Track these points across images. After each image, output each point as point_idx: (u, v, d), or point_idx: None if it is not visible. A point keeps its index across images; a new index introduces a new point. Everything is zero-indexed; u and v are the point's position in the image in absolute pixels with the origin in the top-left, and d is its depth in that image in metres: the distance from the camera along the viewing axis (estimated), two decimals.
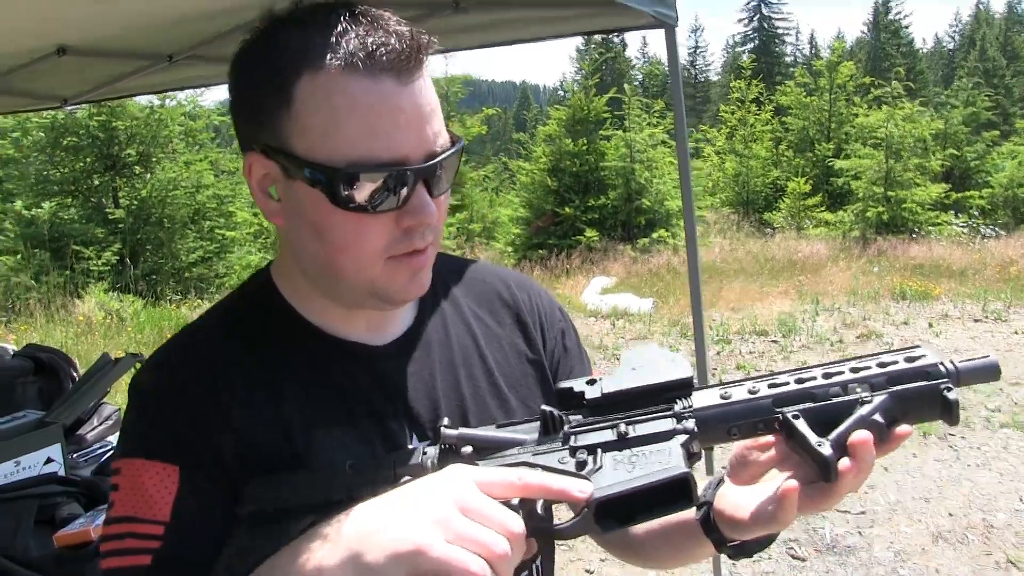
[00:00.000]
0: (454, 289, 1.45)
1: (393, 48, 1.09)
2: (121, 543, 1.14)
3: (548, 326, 1.50)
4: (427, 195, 1.14)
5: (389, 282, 1.20)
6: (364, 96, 1.08)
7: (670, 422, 1.07)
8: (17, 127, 16.04)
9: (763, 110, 28.44)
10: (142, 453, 1.17)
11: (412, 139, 1.12)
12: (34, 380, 3.87)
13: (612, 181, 20.36)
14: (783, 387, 1.08)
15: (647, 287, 14.90)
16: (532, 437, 1.12)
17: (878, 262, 16.65)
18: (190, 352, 1.26)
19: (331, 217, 1.13)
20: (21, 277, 13.76)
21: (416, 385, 1.31)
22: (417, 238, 1.17)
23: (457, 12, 3.78)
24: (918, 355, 1.06)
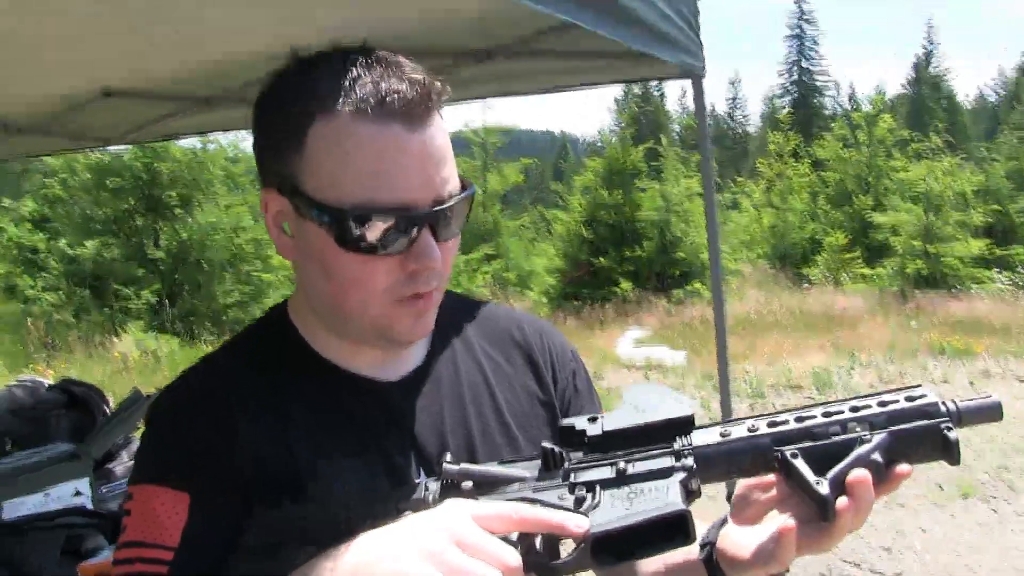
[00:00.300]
0: (467, 328, 1.46)
1: (404, 95, 1.12)
2: (131, 567, 1.17)
3: (560, 367, 1.50)
4: (432, 240, 1.16)
5: (393, 323, 1.22)
6: (372, 141, 1.11)
7: (669, 460, 1.08)
8: (65, 168, 16.43)
9: (801, 163, 28.39)
10: (153, 479, 1.20)
11: (419, 185, 1.14)
12: (67, 413, 3.95)
13: (647, 232, 20.36)
14: (782, 426, 1.08)
15: (681, 339, 14.81)
16: (533, 473, 1.13)
17: (916, 317, 16.43)
18: (203, 381, 1.30)
19: (337, 257, 1.16)
20: (62, 314, 14.00)
21: (424, 420, 1.32)
22: (421, 282, 1.19)
23: (486, 61, 3.86)
24: (919, 394, 1.06)
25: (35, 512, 3.13)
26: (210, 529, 1.17)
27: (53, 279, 15.30)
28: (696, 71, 3.48)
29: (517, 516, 1.02)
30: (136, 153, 15.92)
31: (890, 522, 6.57)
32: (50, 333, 13.60)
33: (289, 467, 1.22)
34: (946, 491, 7.20)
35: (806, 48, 78.99)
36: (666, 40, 3.29)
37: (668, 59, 3.27)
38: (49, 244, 16.15)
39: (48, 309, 14.40)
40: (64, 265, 15.39)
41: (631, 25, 3.05)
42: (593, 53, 3.73)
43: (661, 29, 3.23)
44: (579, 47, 3.71)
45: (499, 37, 3.80)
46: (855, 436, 1.05)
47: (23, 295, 15.57)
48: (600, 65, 3.80)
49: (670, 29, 3.28)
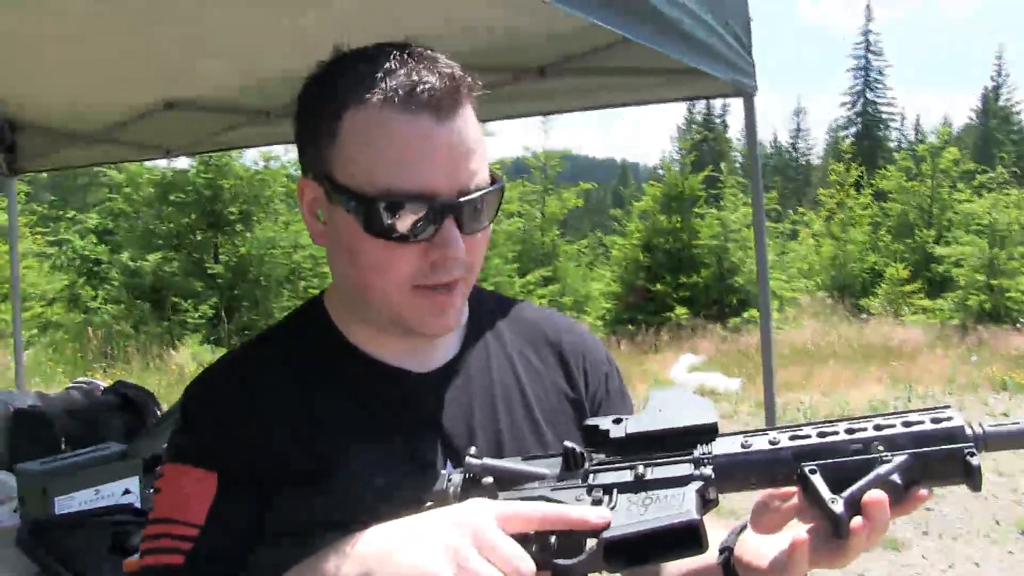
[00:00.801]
0: (500, 325, 1.47)
1: (433, 86, 1.15)
2: (157, 542, 1.21)
3: (592, 368, 1.50)
4: (456, 230, 1.18)
5: (413, 312, 1.24)
6: (400, 130, 1.15)
7: (688, 467, 1.08)
8: (129, 182, 16.83)
9: (863, 194, 28.03)
10: (183, 459, 1.24)
11: (444, 175, 1.16)
12: (120, 415, 4.03)
13: (705, 259, 20.25)
14: (804, 440, 1.07)
15: (736, 367, 14.66)
16: (554, 471, 1.14)
17: (978, 351, 16.09)
18: (235, 367, 1.34)
19: (362, 242, 1.19)
20: (122, 325, 14.30)
21: (453, 412, 1.33)
22: (443, 271, 1.21)
23: (542, 78, 3.90)
24: (944, 416, 1.04)
25: (85, 508, 3.20)
26: (235, 509, 1.21)
27: (115, 291, 15.66)
28: (748, 89, 3.48)
29: (538, 514, 1.03)
30: (199, 169, 16.26)
31: (944, 554, 6.43)
32: (109, 343, 13.90)
33: (315, 453, 1.24)
34: (1003, 526, 7.03)
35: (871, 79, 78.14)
36: (719, 58, 3.30)
37: (721, 76, 3.27)
38: (112, 257, 16.54)
39: (109, 320, 14.72)
40: (126, 277, 15.75)
41: (685, 42, 3.06)
42: (646, 71, 3.74)
43: (714, 47, 3.24)
44: (632, 65, 3.72)
45: (554, 55, 3.84)
46: (876, 456, 1.03)
47: (85, 306, 15.93)
48: (653, 83, 3.82)
49: (722, 47, 3.29)
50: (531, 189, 21.70)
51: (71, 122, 5.23)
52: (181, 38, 3.92)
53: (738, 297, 19.41)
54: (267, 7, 3.53)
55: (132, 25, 3.77)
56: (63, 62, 4.32)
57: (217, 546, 1.19)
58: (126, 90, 4.73)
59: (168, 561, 1.19)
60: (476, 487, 1.12)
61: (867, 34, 79.71)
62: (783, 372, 13.99)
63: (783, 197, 51.80)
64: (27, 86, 4.91)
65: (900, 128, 79.30)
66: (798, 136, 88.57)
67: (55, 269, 17.97)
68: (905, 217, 25.07)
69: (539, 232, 20.73)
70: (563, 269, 21.88)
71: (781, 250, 24.80)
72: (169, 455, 1.27)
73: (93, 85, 4.68)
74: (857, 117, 77.18)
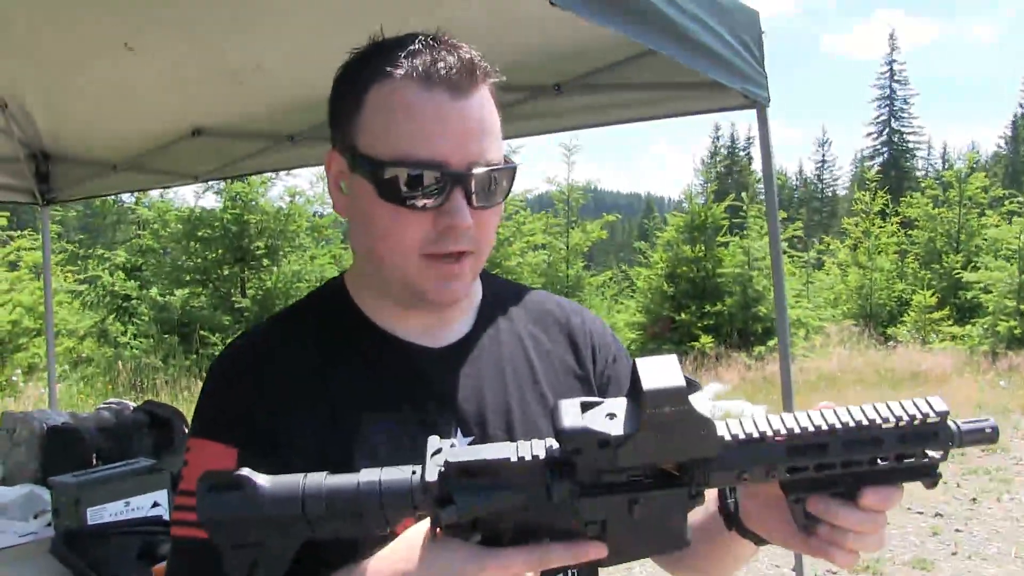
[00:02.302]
0: (511, 308, 1.53)
1: (451, 65, 1.24)
2: (185, 515, 1.26)
3: (599, 348, 1.56)
4: (463, 201, 1.25)
5: (422, 280, 1.30)
6: (417, 102, 1.23)
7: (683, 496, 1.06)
8: (157, 219, 17.08)
9: (889, 222, 27.90)
10: (207, 433, 1.30)
11: (455, 147, 1.24)
12: (149, 432, 4.11)
13: (729, 288, 20.18)
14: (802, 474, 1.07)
15: (761, 395, 14.58)
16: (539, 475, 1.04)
17: (1007, 377, 15.92)
18: (256, 343, 1.41)
19: (376, 207, 1.27)
20: (151, 359, 14.46)
21: (465, 386, 1.38)
22: (450, 241, 1.27)
23: (558, 95, 3.98)
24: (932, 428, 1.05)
25: (116, 520, 3.27)
26: None
27: (144, 325, 15.85)
28: (762, 100, 3.54)
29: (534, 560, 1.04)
30: (226, 205, 16.48)
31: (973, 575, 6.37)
32: (139, 376, 14.07)
33: (330, 425, 1.29)
34: None
35: (897, 108, 77.99)
36: (733, 69, 3.36)
37: (734, 86, 3.33)
38: (140, 292, 16.74)
39: (138, 354, 14.90)
40: (155, 312, 15.94)
41: (700, 53, 3.13)
42: (661, 85, 3.81)
43: (727, 58, 3.30)
44: (647, 80, 3.80)
45: (569, 72, 3.92)
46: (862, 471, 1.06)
47: (115, 340, 16.12)
48: (667, 97, 3.89)
49: (735, 59, 3.35)
50: (555, 222, 21.77)
51: (103, 151, 5.38)
52: (209, 67, 4.05)
53: (763, 325, 19.31)
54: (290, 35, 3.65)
55: (161, 57, 3.90)
56: (96, 93, 4.46)
57: None
58: (156, 119, 4.86)
59: (194, 535, 1.22)
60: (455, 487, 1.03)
61: (891, 63, 79.77)
62: (810, 399, 13.88)
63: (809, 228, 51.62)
64: (61, 117, 5.06)
65: (927, 158, 79.07)
66: (823, 167, 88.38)
67: (85, 306, 18.22)
68: (932, 244, 24.92)
69: (563, 264, 20.76)
70: (588, 301, 21.88)
71: (807, 279, 24.67)
72: (195, 430, 1.32)
73: (125, 114, 4.81)
74: (883, 147, 76.96)
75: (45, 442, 3.93)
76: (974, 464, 9.71)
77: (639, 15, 2.70)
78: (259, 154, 5.04)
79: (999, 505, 8.20)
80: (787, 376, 3.84)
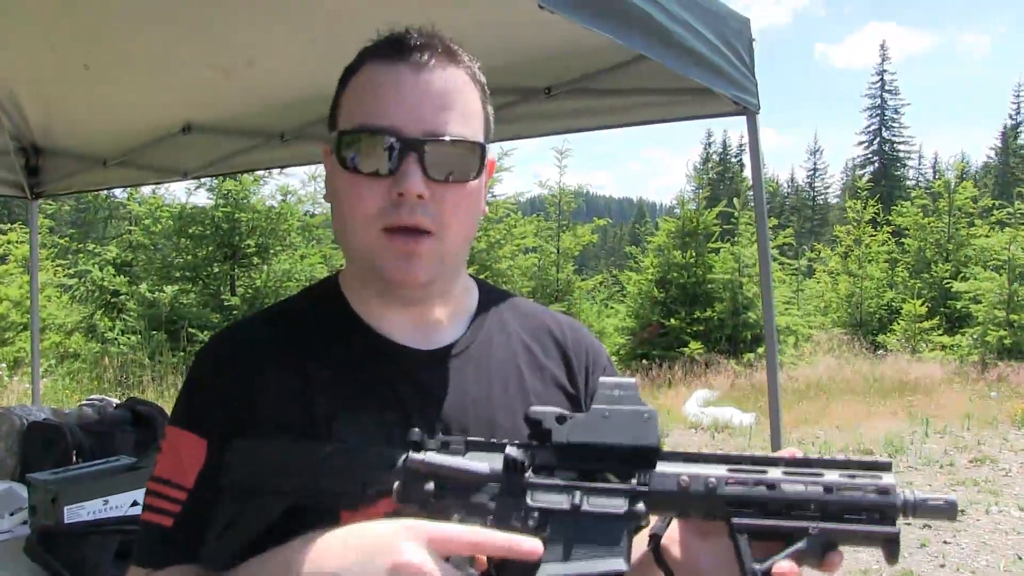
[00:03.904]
0: (506, 316, 1.52)
1: (414, 42, 1.29)
2: (153, 500, 1.28)
3: (592, 368, 1.54)
4: (416, 168, 1.25)
5: (380, 255, 1.29)
6: (378, 75, 1.28)
7: (623, 501, 1.10)
8: (149, 215, 17.02)
9: (879, 231, 27.98)
10: (181, 423, 1.32)
11: (411, 117, 1.26)
12: (131, 430, 4.07)
13: (719, 294, 20.22)
14: (740, 486, 1.09)
15: (750, 402, 14.58)
16: (495, 469, 1.15)
17: (997, 387, 15.97)
18: (236, 336, 1.41)
19: (338, 179, 1.31)
20: (138, 355, 14.40)
21: (449, 389, 1.37)
22: (405, 209, 1.26)
23: (548, 98, 3.96)
24: (884, 486, 1.06)
25: (94, 518, 3.24)
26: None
27: (132, 321, 15.79)
28: (752, 107, 3.53)
29: (472, 540, 1.05)
30: (218, 202, 16.43)
31: None
32: (125, 372, 14.01)
33: (307, 421, 1.28)
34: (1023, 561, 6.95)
35: (888, 118, 78.26)
36: (722, 75, 3.35)
37: (725, 92, 3.33)
38: (130, 288, 16.68)
39: (125, 350, 14.84)
40: (143, 308, 15.87)
41: (691, 59, 3.13)
42: (652, 91, 3.80)
43: (717, 64, 3.30)
44: (637, 85, 3.78)
45: (560, 75, 3.90)
46: (804, 527, 1.05)
47: (102, 336, 16.06)
48: (657, 102, 3.88)
49: (726, 65, 3.35)
50: (546, 225, 21.76)
51: (93, 146, 5.35)
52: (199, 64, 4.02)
53: (752, 332, 19.34)
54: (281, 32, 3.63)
55: (152, 52, 3.88)
56: (87, 88, 4.43)
57: (202, 512, 1.23)
58: (147, 114, 4.84)
59: (159, 521, 1.27)
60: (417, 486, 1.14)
61: (883, 73, 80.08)
62: (798, 407, 13.92)
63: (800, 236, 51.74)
64: (51, 111, 5.03)
65: (918, 167, 79.28)
66: (814, 175, 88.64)
67: (74, 301, 18.15)
68: (922, 253, 25.01)
69: (554, 268, 20.74)
70: (578, 306, 21.87)
71: (797, 287, 24.72)
72: (173, 418, 1.34)
73: (116, 110, 4.79)
74: (874, 156, 77.25)
75: (25, 438, 3.89)
76: (962, 476, 9.72)
77: (629, 19, 2.69)
78: (249, 151, 5.01)
79: (987, 517, 8.20)
80: (774, 384, 3.83)
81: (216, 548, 1.20)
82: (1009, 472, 9.99)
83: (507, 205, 20.00)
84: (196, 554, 1.22)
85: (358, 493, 1.16)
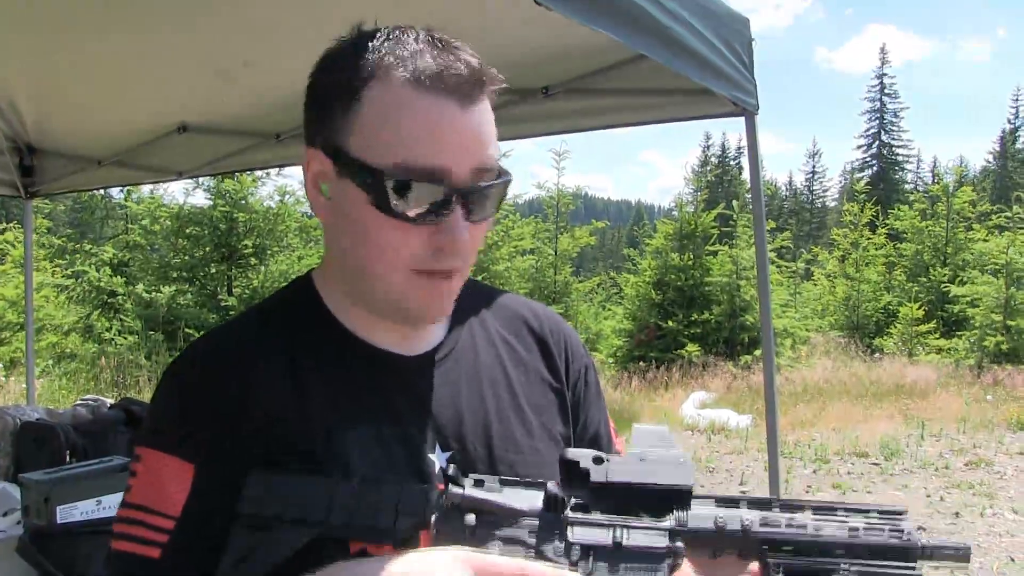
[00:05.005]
0: (484, 313, 1.47)
1: (460, 72, 1.15)
2: (132, 529, 1.18)
3: (572, 359, 1.51)
4: (463, 218, 1.17)
5: (410, 297, 1.23)
6: (426, 110, 1.14)
7: (663, 539, 1.11)
8: (147, 215, 17.00)
9: (877, 234, 27.99)
10: (162, 446, 1.20)
11: (461, 159, 1.16)
12: (125, 430, 4.05)
13: (717, 297, 20.21)
14: (774, 528, 1.13)
15: (747, 404, 14.58)
16: (534, 507, 1.14)
17: (992, 391, 15.97)
18: (220, 349, 1.30)
19: (367, 217, 1.17)
20: (135, 355, 14.39)
21: (441, 396, 1.32)
22: (446, 258, 1.20)
23: (546, 98, 3.95)
24: (901, 528, 1.12)
25: (87, 518, 3.23)
26: (213, 502, 1.17)
27: (129, 322, 15.77)
28: (751, 108, 3.53)
29: (520, 571, 1.03)
30: (216, 203, 16.42)
31: None
32: (121, 372, 13.98)
33: (303, 437, 1.21)
34: (1017, 563, 6.95)
35: (887, 122, 78.35)
36: (722, 76, 3.34)
37: (724, 92, 3.32)
38: (127, 288, 16.66)
39: (122, 350, 14.82)
40: (140, 309, 15.85)
41: (690, 59, 3.12)
42: (650, 91, 3.80)
43: (717, 65, 3.29)
44: (636, 86, 3.78)
45: (557, 76, 3.89)
46: (835, 564, 1.10)
47: (99, 336, 16.04)
48: (655, 103, 3.88)
49: (725, 66, 3.34)
50: (544, 227, 21.76)
51: (88, 146, 5.34)
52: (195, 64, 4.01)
53: (750, 335, 19.32)
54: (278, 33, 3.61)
55: (147, 52, 3.87)
56: (83, 88, 4.42)
57: (192, 541, 1.17)
58: (143, 114, 4.83)
59: (144, 552, 1.17)
60: (456, 520, 1.13)
61: (882, 77, 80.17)
62: (795, 409, 13.92)
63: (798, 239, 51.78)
64: (45, 111, 5.02)
65: (916, 171, 79.42)
66: (813, 178, 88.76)
67: (71, 301, 18.11)
68: (920, 257, 25.01)
69: (551, 270, 20.74)
70: (575, 308, 21.87)
71: (795, 289, 24.72)
72: (148, 438, 1.23)
73: (111, 110, 4.78)
74: (873, 160, 77.33)
75: (17, 438, 3.87)
76: (957, 478, 9.72)
77: (627, 18, 2.68)
78: (245, 152, 5.01)
79: (982, 520, 8.19)
80: (771, 386, 3.83)
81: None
82: (1004, 475, 9.98)
83: (505, 207, 19.95)
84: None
85: (390, 526, 1.12)
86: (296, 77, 3.97)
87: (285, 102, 4.33)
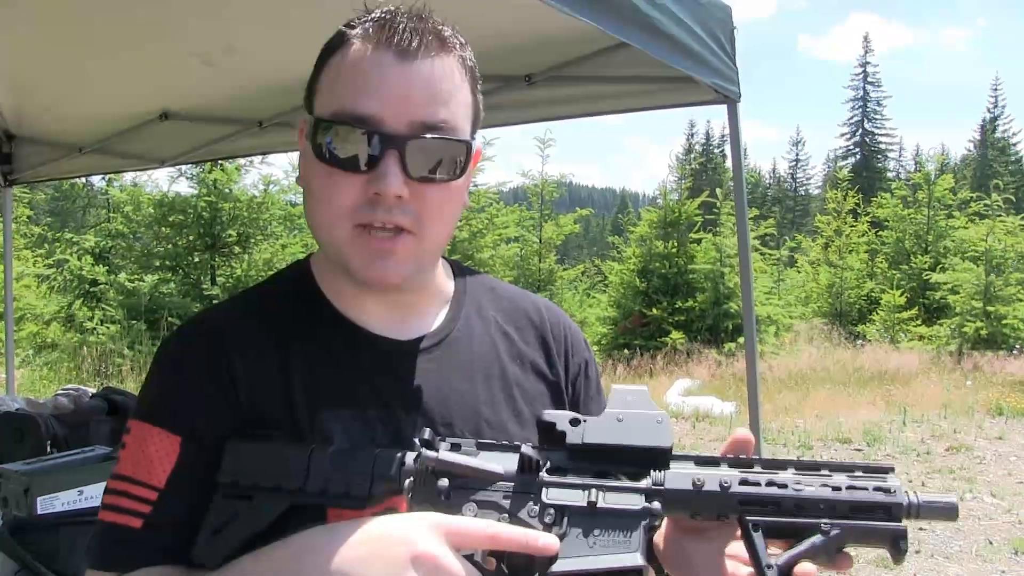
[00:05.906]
0: (484, 301, 1.47)
1: (404, 27, 1.19)
2: (118, 500, 1.20)
3: (572, 353, 1.51)
4: (396, 167, 1.16)
5: (351, 253, 1.22)
6: (362, 61, 1.19)
7: (639, 499, 1.09)
8: (130, 202, 16.88)
9: (860, 222, 28.11)
10: (150, 418, 1.23)
11: (394, 109, 1.17)
12: (107, 420, 4.03)
13: (701, 284, 20.28)
14: (754, 487, 1.09)
15: (731, 391, 14.64)
16: (509, 469, 1.13)
17: (972, 376, 16.10)
18: (209, 327, 1.32)
19: (312, 168, 1.22)
20: (117, 345, 14.31)
21: (431, 381, 1.32)
22: (382, 209, 1.18)
23: (529, 86, 3.94)
24: (887, 487, 1.08)
25: (68, 509, 3.20)
26: (197, 475, 1.19)
27: (111, 311, 15.68)
28: (732, 96, 3.52)
29: (488, 533, 1.04)
30: (200, 191, 16.32)
31: (936, 573, 6.42)
32: (104, 362, 13.92)
33: (288, 414, 1.23)
34: (995, 545, 7.01)
35: (870, 110, 78.60)
36: (704, 63, 3.34)
37: (705, 80, 3.32)
38: (109, 277, 16.55)
39: (104, 340, 14.74)
40: (122, 298, 15.77)
41: (673, 46, 3.11)
42: (633, 78, 3.79)
43: (699, 53, 3.29)
44: (618, 73, 3.77)
45: (541, 64, 3.88)
46: (816, 523, 1.07)
47: (81, 326, 15.94)
48: (639, 91, 3.87)
49: (707, 54, 3.34)
50: (528, 215, 21.75)
51: (69, 133, 5.29)
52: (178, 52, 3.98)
53: (734, 322, 19.38)
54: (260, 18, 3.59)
55: (128, 38, 3.83)
56: (61, 74, 4.37)
57: (175, 512, 1.18)
58: (123, 102, 4.79)
59: (127, 522, 1.18)
60: (430, 485, 1.12)
61: (865, 66, 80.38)
62: (779, 396, 13.98)
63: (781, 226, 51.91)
64: (24, 97, 4.97)
65: (898, 159, 79.78)
66: (797, 166, 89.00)
67: (52, 291, 17.99)
68: (901, 244, 25.15)
69: (536, 258, 20.74)
70: (560, 294, 21.88)
71: (778, 277, 24.83)
72: (137, 411, 1.25)
73: (92, 97, 4.73)
74: (855, 148, 77.60)
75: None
76: (938, 464, 9.79)
77: (609, 6, 2.67)
78: (227, 139, 4.98)
79: (962, 504, 8.23)
80: (753, 373, 3.84)
81: (210, 548, 1.15)
82: (983, 460, 10.08)
83: (489, 195, 19.95)
84: (168, 556, 1.17)
85: (364, 492, 1.13)
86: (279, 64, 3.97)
87: (268, 89, 4.31)
